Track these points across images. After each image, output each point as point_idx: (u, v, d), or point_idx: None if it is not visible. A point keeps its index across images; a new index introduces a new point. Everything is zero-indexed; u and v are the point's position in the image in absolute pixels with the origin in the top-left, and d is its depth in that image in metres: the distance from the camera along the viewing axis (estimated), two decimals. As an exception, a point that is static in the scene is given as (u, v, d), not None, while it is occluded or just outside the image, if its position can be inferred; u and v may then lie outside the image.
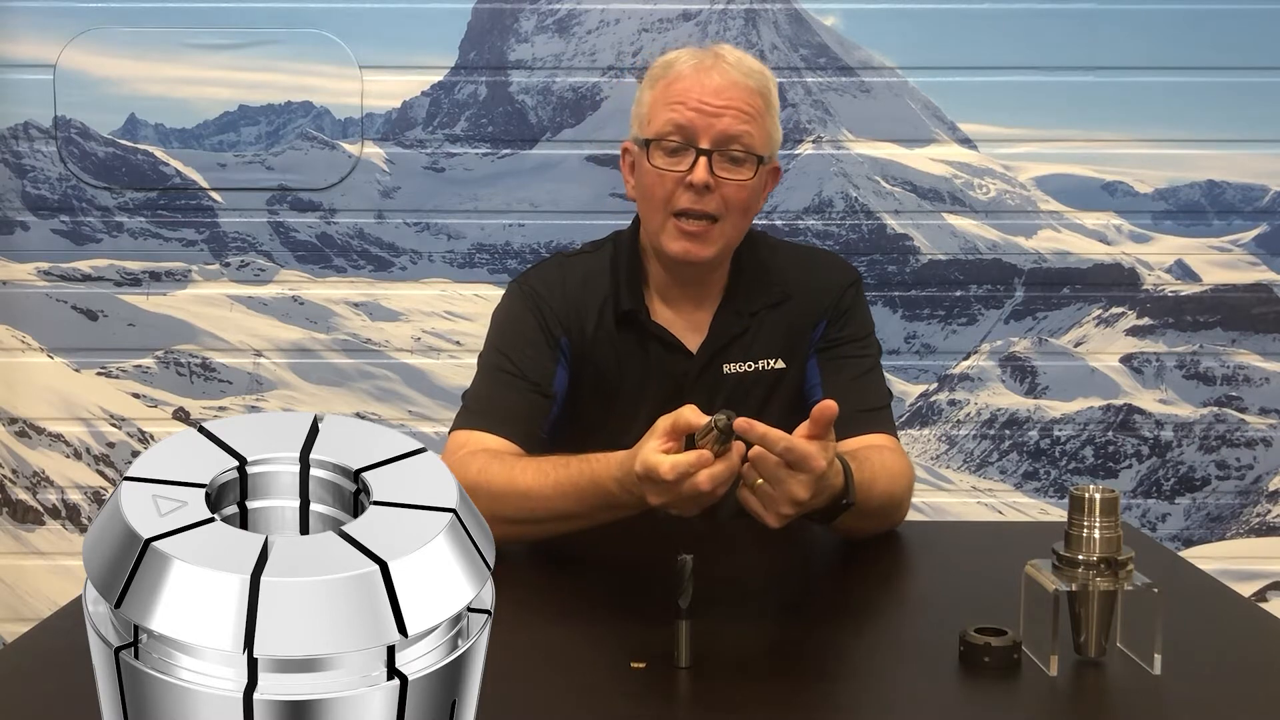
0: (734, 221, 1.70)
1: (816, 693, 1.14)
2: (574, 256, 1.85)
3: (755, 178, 1.69)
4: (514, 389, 1.71)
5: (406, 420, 3.17)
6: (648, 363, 1.77)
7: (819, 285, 1.80)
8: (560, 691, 1.15)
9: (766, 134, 1.70)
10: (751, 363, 1.77)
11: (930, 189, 3.22)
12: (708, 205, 1.66)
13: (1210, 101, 3.10)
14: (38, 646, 1.27)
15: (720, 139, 1.65)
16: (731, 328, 1.77)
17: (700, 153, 1.65)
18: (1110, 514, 1.16)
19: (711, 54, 1.69)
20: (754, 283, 1.79)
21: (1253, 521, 3.21)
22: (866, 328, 1.82)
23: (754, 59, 1.74)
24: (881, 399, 1.79)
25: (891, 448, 1.70)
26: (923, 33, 3.10)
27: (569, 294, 1.77)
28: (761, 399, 1.78)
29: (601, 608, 1.25)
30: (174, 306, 3.17)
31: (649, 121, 1.70)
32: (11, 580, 3.16)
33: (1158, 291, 3.20)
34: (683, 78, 1.67)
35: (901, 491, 1.65)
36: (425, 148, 3.20)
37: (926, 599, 1.45)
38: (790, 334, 1.78)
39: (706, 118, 1.65)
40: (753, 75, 1.68)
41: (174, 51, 3.09)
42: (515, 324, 1.76)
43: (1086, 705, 1.14)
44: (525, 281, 1.81)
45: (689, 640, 1.15)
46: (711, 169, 1.65)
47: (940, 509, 3.20)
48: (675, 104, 1.66)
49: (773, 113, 1.72)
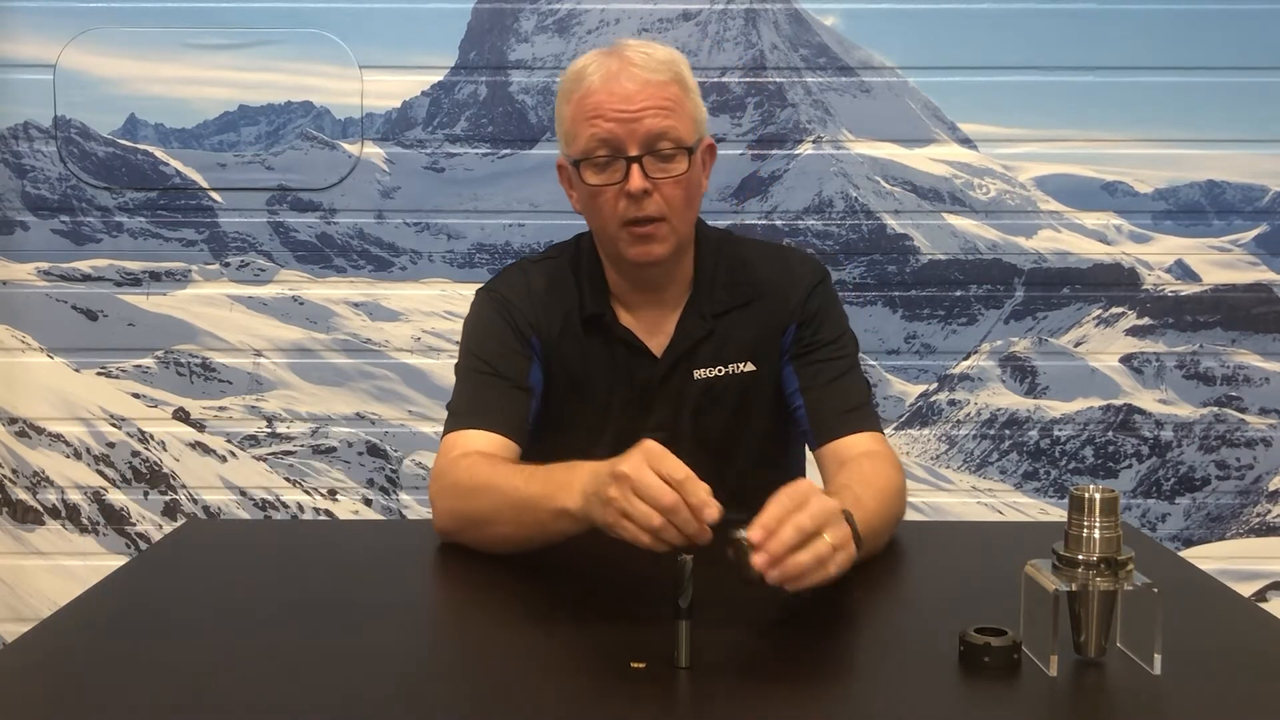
0: (680, 215, 1.70)
1: (816, 693, 1.14)
2: (538, 262, 1.85)
3: (690, 168, 1.68)
4: (494, 387, 1.72)
5: (406, 420, 3.18)
6: (614, 366, 1.77)
7: (786, 285, 1.79)
8: (560, 692, 1.15)
9: (690, 120, 1.69)
10: (721, 367, 1.76)
11: (930, 189, 3.22)
12: (650, 209, 1.66)
13: (1210, 101, 3.10)
14: (38, 646, 1.27)
15: (646, 141, 1.65)
16: (696, 331, 1.76)
17: (630, 160, 1.64)
18: (1110, 514, 1.16)
19: (616, 57, 1.67)
20: (719, 285, 1.78)
21: (1253, 521, 3.21)
22: (839, 326, 1.80)
23: (661, 47, 1.71)
24: (862, 396, 1.77)
25: (878, 452, 1.69)
26: (923, 33, 3.11)
27: (534, 298, 1.78)
28: (735, 404, 1.77)
29: (602, 608, 1.25)
30: (174, 306, 3.17)
31: (573, 139, 1.69)
32: (11, 580, 3.16)
33: (1158, 291, 3.20)
34: (593, 91, 1.66)
35: (896, 506, 1.63)
36: (425, 148, 3.20)
37: (926, 599, 1.45)
38: (760, 335, 1.78)
39: (627, 125, 1.64)
40: (661, 68, 1.67)
41: (174, 51, 3.09)
42: (487, 328, 1.78)
43: (1086, 705, 1.14)
44: (492, 288, 1.82)
45: (689, 640, 1.15)
46: (645, 172, 1.65)
47: (940, 509, 3.20)
48: (593, 119, 1.65)
49: (691, 95, 1.71)
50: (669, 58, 1.69)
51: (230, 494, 3.18)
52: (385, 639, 1.29)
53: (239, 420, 3.18)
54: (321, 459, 3.19)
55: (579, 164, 1.68)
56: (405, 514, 3.18)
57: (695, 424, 1.77)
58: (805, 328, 1.77)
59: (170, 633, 1.31)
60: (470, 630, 1.31)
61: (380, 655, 1.22)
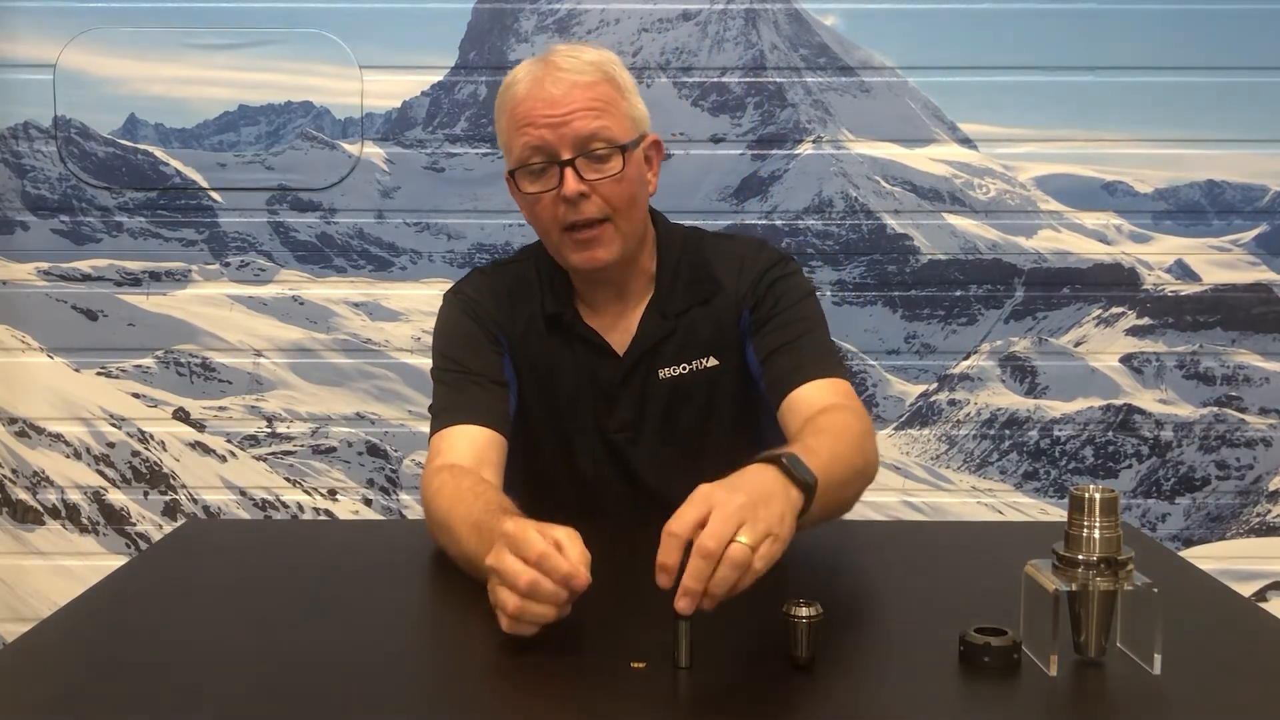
0: (624, 216, 1.69)
1: (816, 692, 1.14)
2: (502, 265, 1.87)
3: (627, 167, 1.67)
4: (471, 383, 1.73)
5: (406, 420, 3.18)
6: (578, 365, 1.77)
7: (737, 275, 1.78)
8: (560, 692, 1.15)
9: (625, 118, 1.68)
10: (685, 364, 1.76)
11: (930, 189, 3.22)
12: (588, 211, 1.66)
13: (1210, 101, 3.10)
14: (38, 646, 1.27)
15: (577, 144, 1.64)
16: (658, 330, 1.76)
17: (562, 165, 1.64)
18: (1110, 514, 1.16)
19: (543, 63, 1.68)
20: (680, 282, 1.78)
21: (1253, 521, 3.21)
22: (793, 299, 1.76)
23: (591, 49, 1.71)
24: (819, 350, 1.72)
25: (839, 404, 1.61)
26: (923, 33, 3.11)
27: (498, 299, 1.79)
28: (703, 400, 1.77)
29: (602, 608, 1.25)
30: (174, 306, 3.17)
31: (509, 150, 1.70)
32: (11, 580, 3.16)
33: (1158, 291, 3.20)
34: (521, 99, 1.66)
35: (856, 456, 1.51)
36: (425, 148, 3.20)
37: (926, 599, 1.45)
38: (717, 328, 1.77)
39: (556, 129, 1.64)
40: (588, 69, 1.66)
41: (174, 51, 3.09)
42: (455, 329, 1.78)
43: (1086, 705, 1.14)
44: (458, 291, 1.83)
45: (689, 640, 1.15)
46: (580, 175, 1.64)
47: (940, 509, 3.20)
48: (524, 127, 1.66)
49: (627, 94, 1.70)
50: (598, 58, 1.69)
51: (230, 494, 3.18)
52: (385, 639, 1.29)
53: (239, 420, 3.18)
54: (321, 459, 3.19)
55: (515, 173, 1.69)
56: (405, 514, 3.18)
57: (663, 423, 1.77)
58: (758, 309, 1.76)
59: (170, 633, 1.31)
60: (470, 630, 1.31)
61: (380, 655, 1.22)
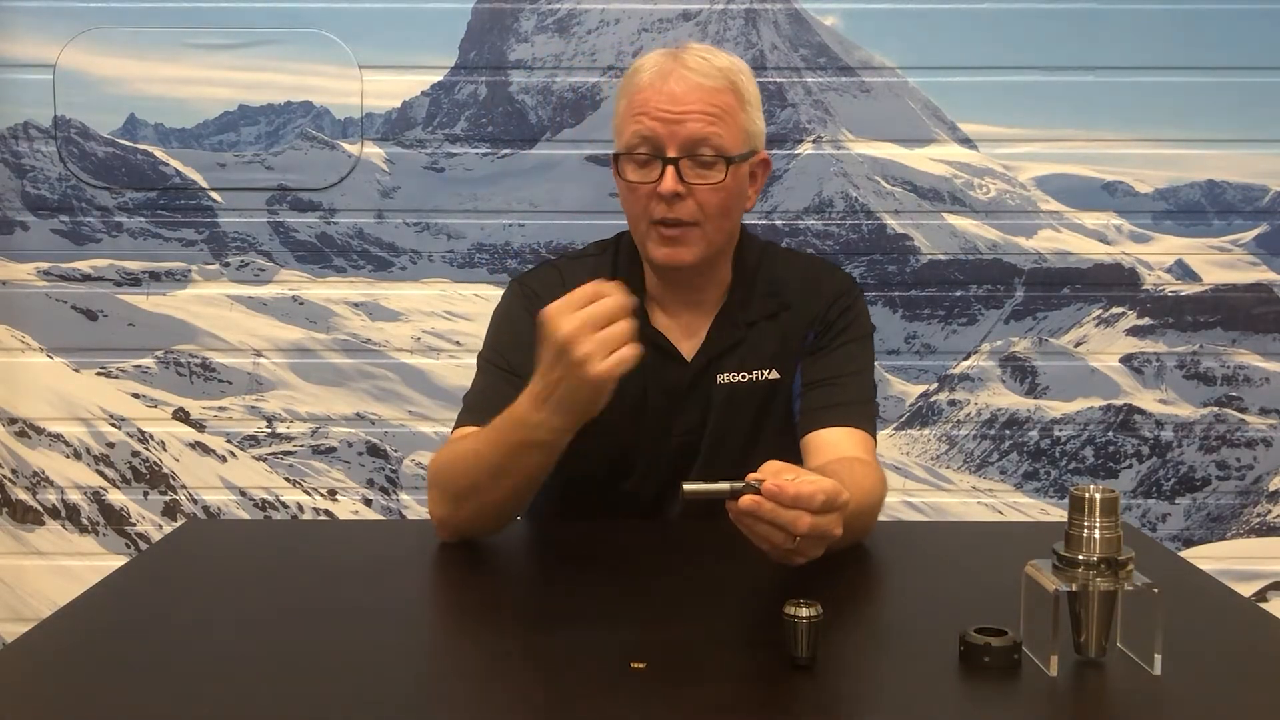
0: (715, 224, 1.68)
1: (816, 692, 1.14)
2: (576, 259, 1.84)
3: (729, 178, 1.66)
4: (509, 384, 1.71)
5: (406, 420, 3.18)
6: (643, 368, 1.76)
7: (812, 296, 1.78)
8: (560, 692, 1.15)
9: (740, 131, 1.68)
10: (745, 373, 1.75)
11: (930, 189, 3.22)
12: (681, 212, 1.65)
13: (1210, 101, 3.10)
14: (38, 646, 1.27)
15: (686, 145, 1.64)
16: (728, 337, 1.76)
17: (666, 162, 1.64)
18: (1110, 514, 1.16)
19: (673, 58, 1.67)
20: (755, 294, 1.78)
21: (1253, 521, 3.21)
22: (854, 333, 1.78)
23: (723, 55, 1.70)
24: (856, 395, 1.74)
25: (862, 458, 1.65)
26: (923, 33, 3.11)
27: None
28: (755, 411, 1.76)
29: (602, 608, 1.25)
30: (174, 306, 3.17)
31: (620, 133, 1.69)
32: (11, 580, 3.16)
33: (1158, 291, 3.20)
34: (643, 88, 1.65)
35: (868, 518, 1.59)
36: (425, 148, 3.20)
37: (926, 599, 1.45)
38: (783, 344, 1.77)
39: (669, 125, 1.63)
40: (716, 74, 1.66)
41: (174, 51, 3.09)
42: (511, 324, 1.77)
43: (1086, 705, 1.14)
44: (524, 282, 1.81)
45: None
46: (681, 176, 1.64)
47: (940, 509, 3.20)
48: (639, 115, 1.65)
49: (748, 107, 1.70)
50: (728, 65, 1.68)
51: (230, 494, 3.18)
52: (385, 639, 1.29)
53: (239, 420, 3.18)
54: (321, 459, 3.19)
55: (620, 158, 1.68)
56: (405, 514, 3.18)
57: (716, 430, 1.75)
58: (823, 335, 1.77)
59: (170, 633, 1.31)
60: (469, 630, 1.31)
61: (379, 655, 1.22)
